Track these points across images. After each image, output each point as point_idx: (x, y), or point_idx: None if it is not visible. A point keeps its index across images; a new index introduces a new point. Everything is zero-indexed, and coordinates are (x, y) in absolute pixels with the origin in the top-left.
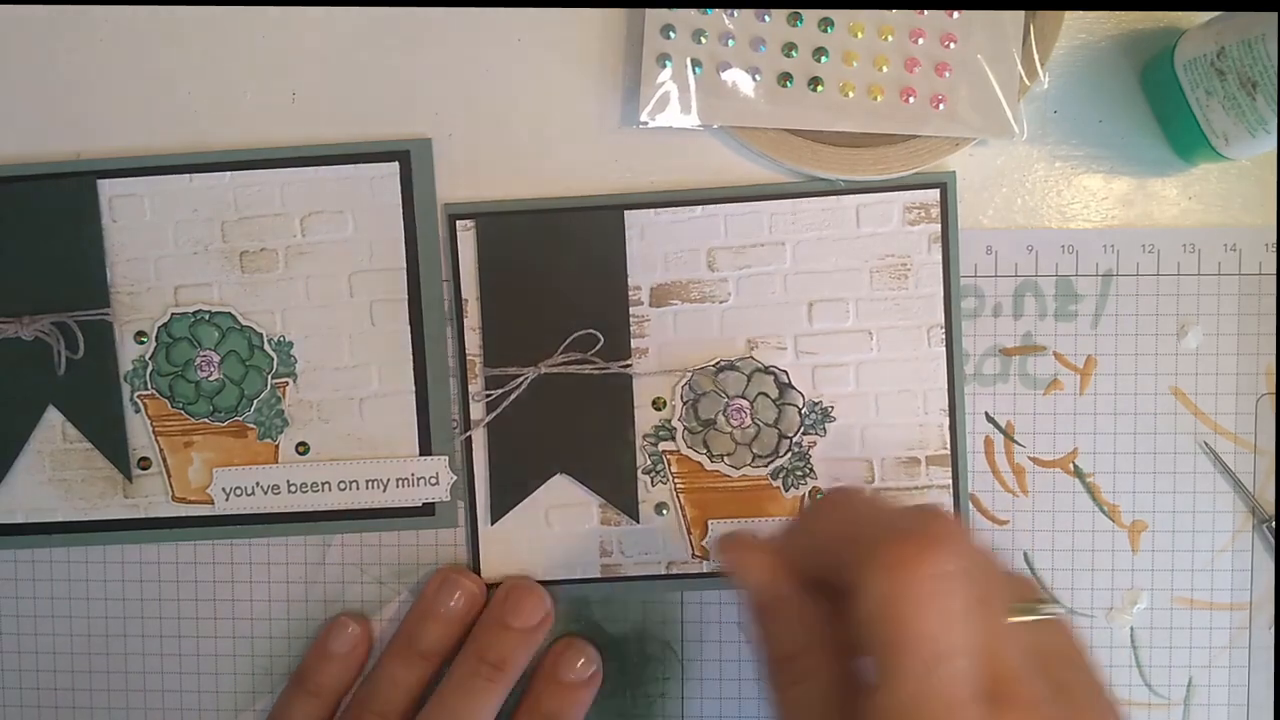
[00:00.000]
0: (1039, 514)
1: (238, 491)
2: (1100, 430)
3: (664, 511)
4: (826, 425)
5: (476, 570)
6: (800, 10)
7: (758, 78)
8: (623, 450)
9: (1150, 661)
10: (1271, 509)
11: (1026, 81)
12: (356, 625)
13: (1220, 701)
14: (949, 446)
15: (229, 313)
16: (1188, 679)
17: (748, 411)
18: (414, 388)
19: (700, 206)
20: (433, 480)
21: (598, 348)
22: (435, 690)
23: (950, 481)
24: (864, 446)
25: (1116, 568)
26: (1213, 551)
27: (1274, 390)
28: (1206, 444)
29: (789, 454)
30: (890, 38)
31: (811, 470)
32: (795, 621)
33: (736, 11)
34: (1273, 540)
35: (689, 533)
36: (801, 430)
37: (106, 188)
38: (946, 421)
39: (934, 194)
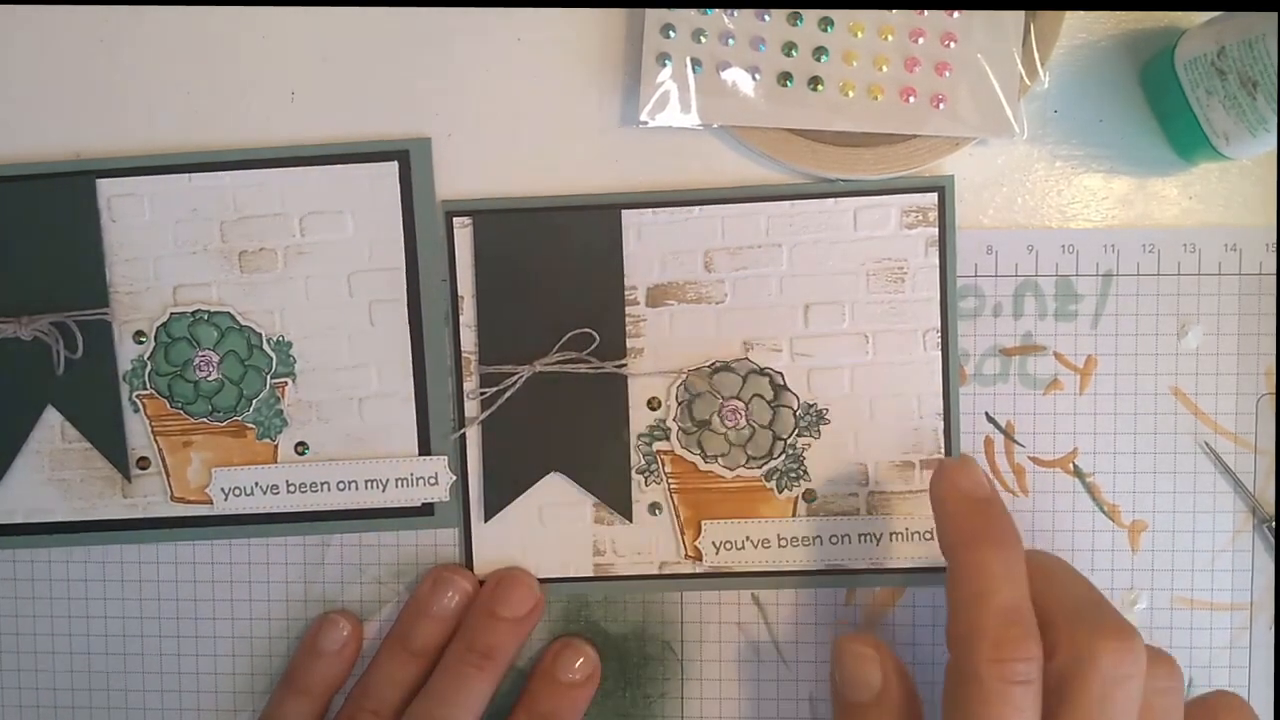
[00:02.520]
0: (1039, 514)
1: (237, 491)
2: (1100, 430)
3: (657, 511)
4: (821, 428)
5: (470, 567)
6: (800, 10)
7: (758, 77)
8: (617, 450)
9: None
10: (1272, 509)
11: (1027, 81)
12: (346, 622)
13: None
14: (943, 451)
15: (228, 312)
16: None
17: (742, 413)
18: (413, 388)
19: (698, 207)
20: (432, 480)
21: (593, 347)
22: (427, 681)
23: None
24: (858, 449)
25: (1116, 567)
26: (1213, 551)
27: (1274, 390)
28: (1207, 444)
29: (783, 456)
30: (890, 37)
31: (805, 472)
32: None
33: (736, 11)
34: (1273, 540)
35: (682, 533)
36: (796, 432)
37: (106, 187)
38: (941, 425)
39: (931, 198)
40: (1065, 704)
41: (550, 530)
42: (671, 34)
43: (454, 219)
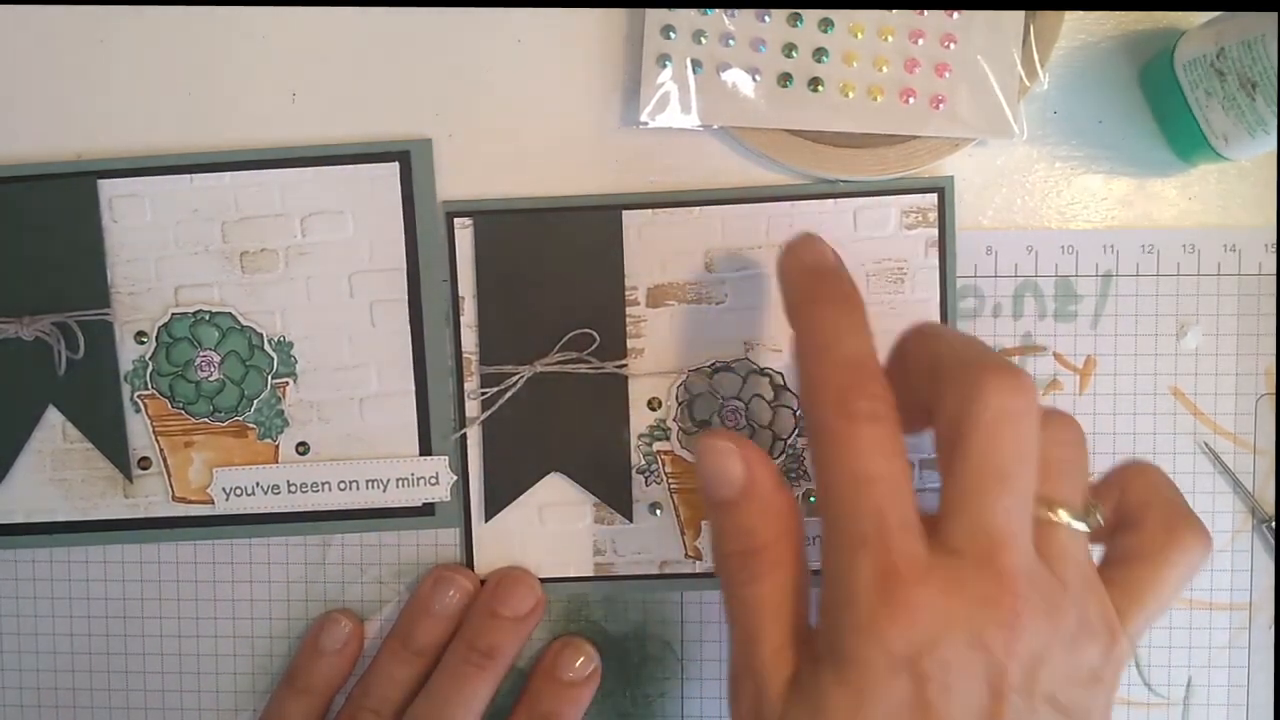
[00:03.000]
0: None
1: (238, 491)
2: (1100, 430)
3: (658, 511)
4: None
5: (470, 567)
6: (800, 11)
7: (758, 78)
8: (617, 450)
9: (1149, 661)
10: (1271, 509)
11: (1026, 82)
12: (348, 621)
13: (1219, 701)
14: None
15: (229, 313)
16: (1187, 679)
17: (742, 413)
18: (414, 388)
19: (698, 208)
20: (433, 480)
21: (593, 347)
22: (428, 680)
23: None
24: None
25: None
26: (1212, 551)
27: (1274, 390)
28: (1206, 444)
29: (783, 456)
30: (890, 38)
31: (805, 472)
32: (769, 513)
33: (736, 12)
34: (1272, 540)
35: (682, 533)
36: (796, 432)
37: (107, 188)
38: None
39: (931, 198)
40: (957, 446)
41: (551, 530)
42: (672, 35)
43: (455, 219)
